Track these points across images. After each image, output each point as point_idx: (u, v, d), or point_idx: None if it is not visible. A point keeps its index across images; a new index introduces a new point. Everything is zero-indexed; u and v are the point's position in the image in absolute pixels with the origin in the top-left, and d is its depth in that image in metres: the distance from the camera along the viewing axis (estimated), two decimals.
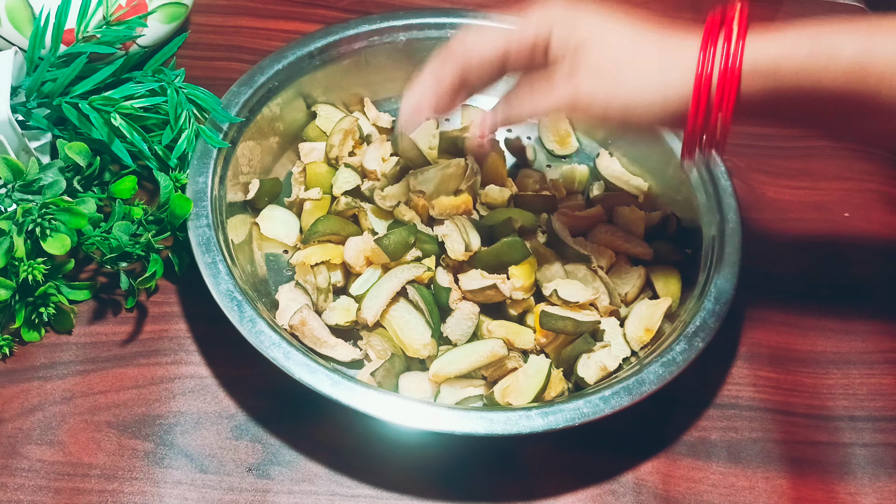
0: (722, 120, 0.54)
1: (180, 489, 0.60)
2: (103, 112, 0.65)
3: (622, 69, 0.55)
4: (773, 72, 0.53)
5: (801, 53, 0.52)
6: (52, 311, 0.63)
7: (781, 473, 0.65)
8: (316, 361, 0.58)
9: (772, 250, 0.78)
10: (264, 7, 0.89)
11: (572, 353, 0.64)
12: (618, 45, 0.55)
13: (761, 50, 0.53)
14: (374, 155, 0.73)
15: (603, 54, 0.55)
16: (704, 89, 0.53)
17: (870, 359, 0.72)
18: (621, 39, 0.55)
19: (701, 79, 0.53)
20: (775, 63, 0.53)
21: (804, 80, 0.52)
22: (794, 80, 0.52)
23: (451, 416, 0.57)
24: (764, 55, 0.53)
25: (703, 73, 0.53)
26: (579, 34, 0.56)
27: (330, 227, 0.68)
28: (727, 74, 0.53)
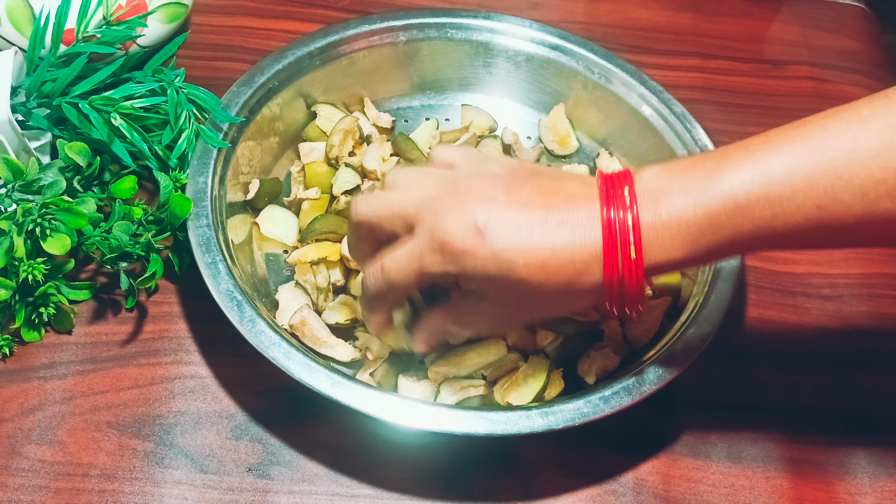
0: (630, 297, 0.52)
1: (180, 489, 0.60)
2: (103, 112, 0.65)
3: (535, 292, 0.52)
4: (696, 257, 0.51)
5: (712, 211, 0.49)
6: (52, 311, 0.63)
7: (781, 473, 0.65)
8: (316, 361, 0.58)
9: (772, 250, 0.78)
10: (264, 7, 0.89)
11: (572, 353, 0.64)
12: (514, 259, 0.51)
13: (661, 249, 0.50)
14: (375, 155, 0.73)
15: (504, 290, 0.52)
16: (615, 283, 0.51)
17: (870, 358, 0.72)
18: (514, 248, 0.51)
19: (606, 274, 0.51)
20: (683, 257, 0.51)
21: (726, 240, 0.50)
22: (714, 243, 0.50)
23: (451, 416, 0.57)
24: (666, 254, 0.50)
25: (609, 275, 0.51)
26: (475, 267, 0.51)
27: (328, 226, 0.68)
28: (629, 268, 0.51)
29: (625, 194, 0.50)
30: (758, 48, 0.95)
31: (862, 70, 0.94)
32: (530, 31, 0.80)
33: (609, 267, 0.50)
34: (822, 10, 1.00)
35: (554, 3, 0.95)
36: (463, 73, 0.82)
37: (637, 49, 0.91)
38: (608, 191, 0.51)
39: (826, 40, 0.96)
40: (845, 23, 0.99)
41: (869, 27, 0.99)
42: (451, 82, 0.82)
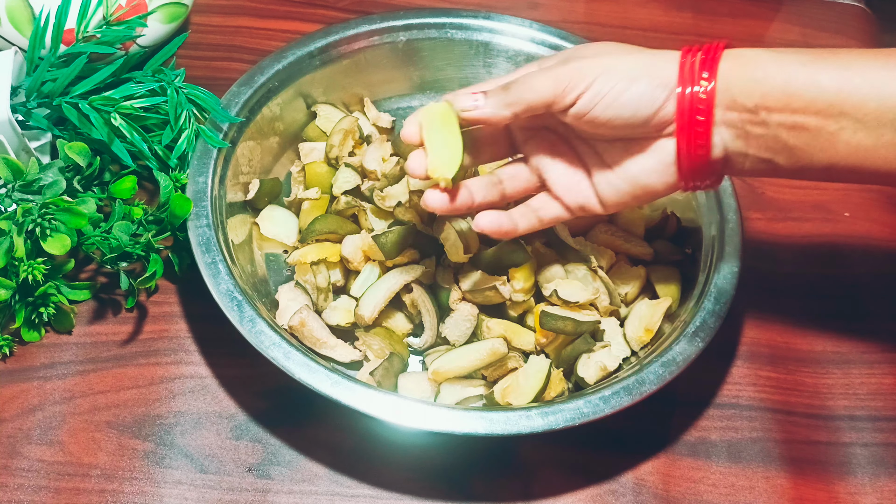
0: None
1: (180, 489, 0.60)
2: (103, 112, 0.65)
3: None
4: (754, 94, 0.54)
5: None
6: (52, 311, 0.63)
7: (781, 473, 0.65)
8: (316, 361, 0.58)
9: (772, 250, 0.78)
10: (264, 7, 0.89)
11: (572, 353, 0.64)
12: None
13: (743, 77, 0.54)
14: (375, 155, 0.73)
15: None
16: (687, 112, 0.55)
17: (870, 358, 0.72)
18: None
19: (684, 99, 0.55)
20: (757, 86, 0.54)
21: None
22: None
23: (451, 416, 0.57)
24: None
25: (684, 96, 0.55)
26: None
27: (328, 226, 0.68)
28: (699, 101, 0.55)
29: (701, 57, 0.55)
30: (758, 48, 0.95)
31: None
32: (530, 31, 0.80)
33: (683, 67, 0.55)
34: (822, 10, 1.00)
35: (554, 3, 0.95)
36: (463, 73, 0.82)
37: None
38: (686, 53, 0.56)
39: (826, 40, 0.96)
40: (845, 23, 0.99)
41: (869, 27, 0.99)
42: (451, 82, 0.82)
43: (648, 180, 0.59)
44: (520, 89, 0.57)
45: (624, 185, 0.59)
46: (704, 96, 0.55)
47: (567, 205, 0.62)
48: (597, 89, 0.56)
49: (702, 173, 0.57)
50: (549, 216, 0.63)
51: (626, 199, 0.60)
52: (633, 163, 0.59)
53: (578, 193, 0.61)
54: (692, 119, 0.55)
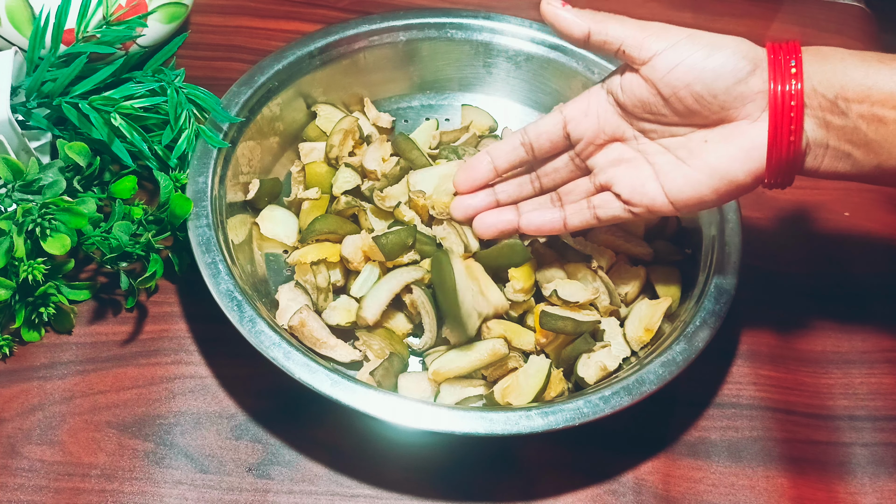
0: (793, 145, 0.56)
1: (180, 489, 0.60)
2: (103, 112, 0.65)
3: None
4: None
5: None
6: (52, 311, 0.63)
7: (782, 473, 0.65)
8: (316, 361, 0.58)
9: (772, 250, 0.78)
10: (264, 7, 0.89)
11: (572, 353, 0.64)
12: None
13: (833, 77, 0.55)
14: (374, 155, 0.73)
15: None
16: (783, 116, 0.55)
17: (870, 358, 0.72)
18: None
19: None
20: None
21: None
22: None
23: (450, 416, 0.57)
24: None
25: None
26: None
27: (328, 226, 0.68)
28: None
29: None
30: None
31: None
32: (530, 31, 0.80)
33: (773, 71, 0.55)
34: (822, 10, 1.00)
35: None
36: (463, 73, 0.82)
37: None
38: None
39: (826, 40, 0.96)
40: (845, 23, 0.99)
41: (869, 27, 0.99)
42: (451, 82, 0.82)
43: (730, 169, 0.57)
44: (607, 16, 0.59)
45: (704, 178, 0.58)
46: (793, 86, 0.55)
47: (633, 205, 0.61)
48: (679, 51, 0.56)
49: (789, 165, 0.56)
50: (608, 215, 0.63)
51: (706, 193, 0.58)
52: (714, 151, 0.57)
53: (644, 195, 0.60)
54: (785, 105, 0.55)
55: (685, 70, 0.56)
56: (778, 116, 0.55)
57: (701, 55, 0.55)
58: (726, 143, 0.57)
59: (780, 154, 0.56)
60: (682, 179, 0.59)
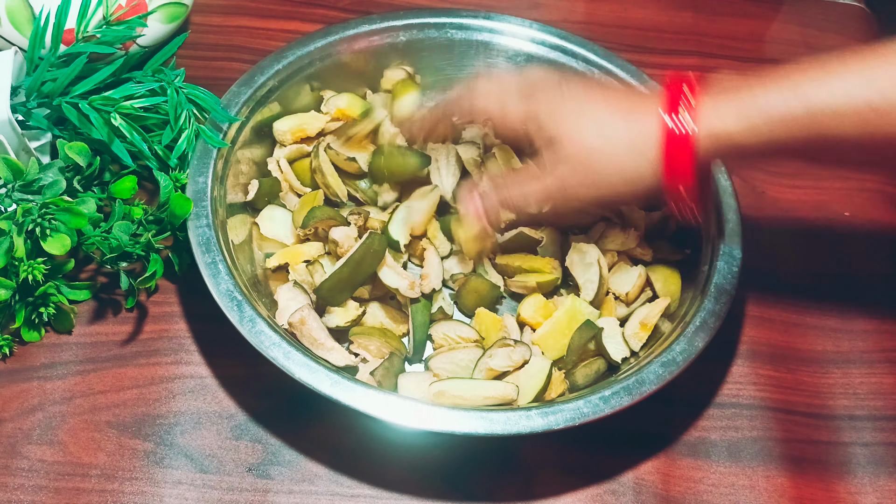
0: (686, 186, 0.59)
1: (180, 489, 0.60)
2: (103, 112, 0.65)
3: (596, 159, 0.59)
4: (730, 139, 0.57)
5: (757, 122, 0.56)
6: (52, 311, 0.63)
7: (782, 472, 0.65)
8: (316, 361, 0.58)
9: (772, 249, 0.78)
10: (264, 7, 0.89)
11: (581, 343, 0.65)
12: (588, 137, 0.60)
13: (717, 120, 0.57)
14: None
15: (576, 148, 0.60)
16: (670, 159, 0.58)
17: (870, 358, 0.72)
18: (589, 130, 0.60)
19: (666, 151, 0.58)
20: (731, 134, 0.56)
21: (763, 144, 0.56)
22: (754, 143, 0.56)
23: (451, 416, 0.57)
24: (720, 125, 0.57)
25: (668, 145, 0.58)
26: (550, 131, 0.60)
27: (327, 213, 0.68)
28: (683, 146, 0.57)
29: (685, 88, 0.58)
30: (758, 48, 0.95)
31: None
32: (530, 30, 0.80)
33: (666, 123, 0.58)
34: (823, 10, 1.00)
35: (554, 3, 0.95)
36: (463, 72, 0.82)
37: (637, 49, 0.91)
38: (670, 86, 0.59)
39: (826, 40, 0.96)
40: (845, 23, 0.99)
41: (869, 27, 0.99)
42: (450, 82, 0.82)
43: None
44: (513, 195, 0.64)
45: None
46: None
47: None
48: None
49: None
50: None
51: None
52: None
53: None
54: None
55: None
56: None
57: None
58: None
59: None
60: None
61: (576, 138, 0.60)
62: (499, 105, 0.64)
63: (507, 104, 0.63)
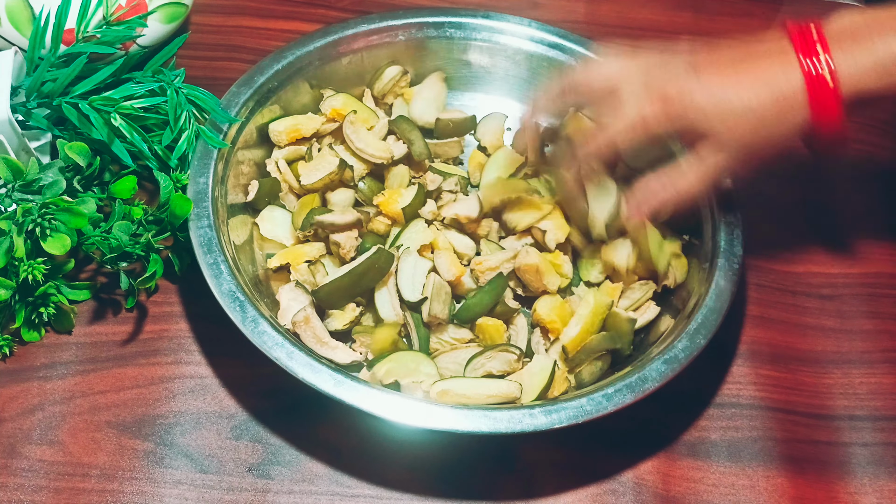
0: (835, 133, 0.59)
1: (180, 489, 0.60)
2: (103, 112, 0.65)
3: (750, 134, 0.60)
4: (867, 84, 0.57)
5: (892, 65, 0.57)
6: (52, 311, 0.63)
7: (782, 472, 0.65)
8: (319, 361, 0.58)
9: (772, 248, 0.78)
10: (264, 7, 0.89)
11: (602, 347, 0.65)
12: (737, 118, 0.60)
13: (851, 67, 0.57)
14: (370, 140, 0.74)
15: (730, 133, 0.60)
16: (819, 112, 0.58)
17: (870, 358, 0.72)
18: (735, 109, 0.59)
19: (813, 106, 0.58)
20: (867, 79, 0.57)
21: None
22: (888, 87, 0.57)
23: (455, 415, 0.57)
24: (855, 73, 0.57)
25: (814, 101, 0.58)
26: (702, 129, 0.61)
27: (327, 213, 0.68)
28: (828, 93, 0.58)
29: (813, 37, 0.58)
30: None
31: None
32: (529, 29, 0.80)
33: (814, 99, 0.58)
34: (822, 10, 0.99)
35: (554, 2, 0.95)
36: (462, 72, 0.82)
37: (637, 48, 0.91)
38: (796, 36, 0.59)
39: None
40: None
41: None
42: (450, 81, 0.82)
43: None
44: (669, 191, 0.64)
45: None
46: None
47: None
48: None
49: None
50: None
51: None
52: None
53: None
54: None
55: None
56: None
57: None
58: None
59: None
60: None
61: (726, 123, 0.60)
62: (635, 117, 0.62)
63: (642, 114, 0.62)
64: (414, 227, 0.70)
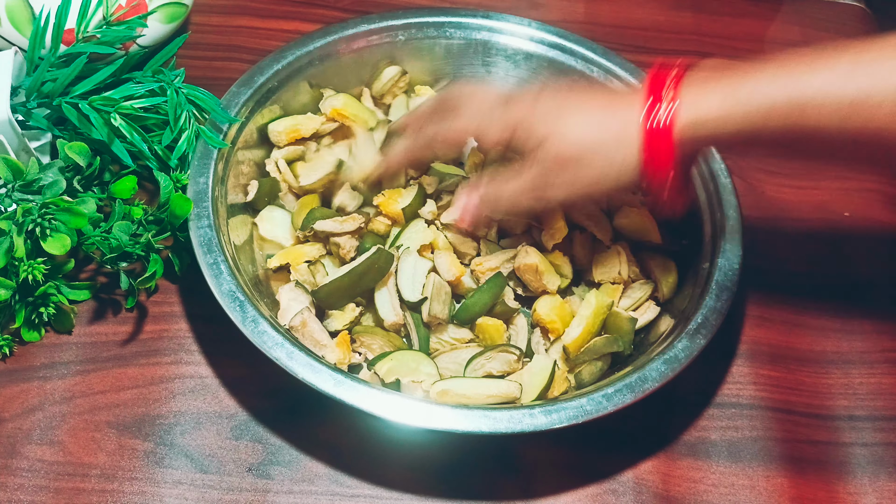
0: (665, 177, 0.59)
1: (180, 489, 0.60)
2: (103, 112, 0.65)
3: (579, 153, 0.60)
4: (709, 127, 0.57)
5: (738, 111, 0.56)
6: (52, 311, 0.63)
7: (782, 472, 0.65)
8: (319, 361, 0.58)
9: (772, 249, 0.78)
10: (264, 7, 0.89)
11: (604, 349, 0.65)
12: (571, 132, 0.60)
13: (698, 110, 0.57)
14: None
15: (560, 145, 0.60)
16: (651, 149, 0.58)
17: (870, 358, 0.72)
18: (572, 126, 0.60)
19: (646, 141, 0.58)
20: (710, 121, 0.56)
21: (744, 132, 0.56)
22: (735, 132, 0.56)
23: (455, 415, 0.57)
24: (702, 115, 0.57)
25: (648, 135, 0.58)
26: (538, 134, 0.61)
27: (326, 215, 0.68)
28: (662, 135, 0.57)
29: (670, 74, 0.59)
30: (758, 47, 0.95)
31: None
32: (529, 29, 0.80)
33: (648, 133, 0.58)
34: (823, 10, 1.00)
35: (554, 2, 0.95)
36: (462, 72, 0.82)
37: (637, 48, 0.91)
38: (655, 71, 0.60)
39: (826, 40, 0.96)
40: (845, 23, 0.99)
41: (869, 27, 0.99)
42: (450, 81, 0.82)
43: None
44: (499, 194, 0.65)
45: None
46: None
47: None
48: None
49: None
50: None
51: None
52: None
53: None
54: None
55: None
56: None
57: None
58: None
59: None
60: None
61: (559, 134, 0.60)
62: (480, 120, 0.64)
63: (488, 118, 0.64)
64: (414, 228, 0.70)
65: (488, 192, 0.65)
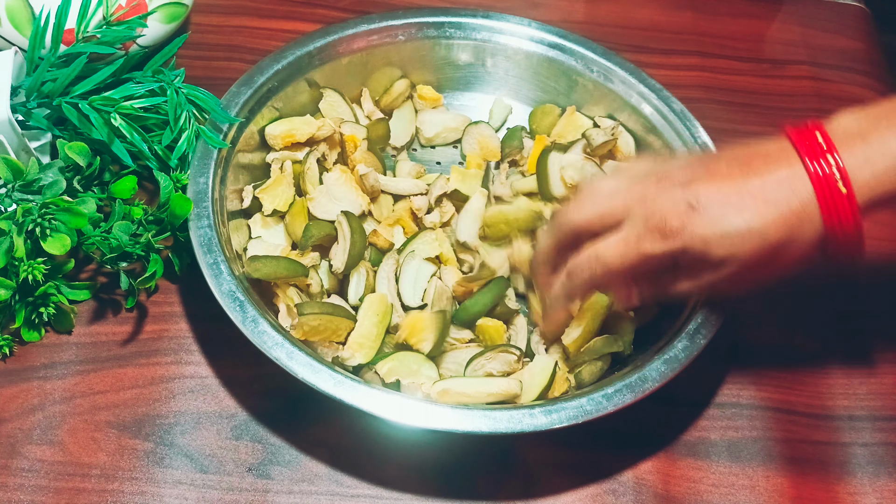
0: (853, 242, 0.55)
1: (180, 489, 0.60)
2: (103, 112, 0.65)
3: (775, 258, 0.55)
4: (883, 186, 0.53)
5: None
6: (52, 311, 0.63)
7: (782, 472, 0.65)
8: (319, 361, 0.58)
9: None
10: (264, 7, 0.89)
11: (604, 350, 0.65)
12: (756, 244, 0.55)
13: (865, 169, 0.53)
14: None
15: (745, 254, 0.55)
16: (830, 214, 0.54)
17: (870, 359, 0.72)
18: (736, 224, 0.54)
19: (822, 205, 0.53)
20: (883, 180, 0.53)
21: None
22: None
23: (455, 415, 0.57)
24: (878, 170, 0.53)
25: (823, 199, 0.53)
26: (714, 259, 0.56)
27: (324, 230, 0.68)
28: (841, 198, 0.53)
29: (818, 140, 0.53)
30: (758, 47, 0.95)
31: (862, 70, 0.94)
32: (529, 29, 0.80)
33: (826, 208, 0.53)
34: (822, 10, 1.00)
35: (554, 2, 0.95)
36: (462, 72, 0.82)
37: (637, 48, 0.91)
38: (799, 140, 0.54)
39: (826, 40, 0.96)
40: (845, 23, 0.99)
41: (869, 27, 0.99)
42: (450, 81, 0.82)
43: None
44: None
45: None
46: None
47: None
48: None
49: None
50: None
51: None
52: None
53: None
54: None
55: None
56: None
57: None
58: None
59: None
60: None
61: (727, 248, 0.55)
62: (634, 257, 0.57)
63: (638, 252, 0.57)
64: (423, 238, 0.70)
65: (656, 294, 0.61)
